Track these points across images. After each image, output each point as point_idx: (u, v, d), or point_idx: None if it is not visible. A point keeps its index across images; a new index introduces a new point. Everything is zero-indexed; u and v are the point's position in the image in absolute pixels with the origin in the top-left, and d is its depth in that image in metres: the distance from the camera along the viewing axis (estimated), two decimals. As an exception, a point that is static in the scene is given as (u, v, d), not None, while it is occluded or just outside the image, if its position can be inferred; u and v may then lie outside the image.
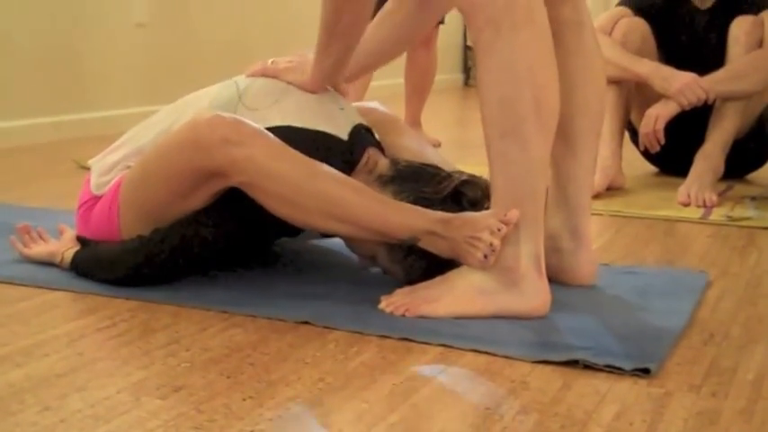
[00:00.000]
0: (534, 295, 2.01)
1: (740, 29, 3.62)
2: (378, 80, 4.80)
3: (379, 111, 2.51)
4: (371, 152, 2.29)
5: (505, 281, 2.01)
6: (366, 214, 2.08)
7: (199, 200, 2.14)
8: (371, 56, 2.46)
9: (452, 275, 2.06)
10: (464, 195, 2.14)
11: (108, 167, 2.31)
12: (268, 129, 2.15)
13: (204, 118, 2.12)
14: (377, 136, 2.37)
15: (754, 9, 3.65)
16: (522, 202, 1.99)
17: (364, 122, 2.35)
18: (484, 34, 1.97)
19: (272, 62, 2.38)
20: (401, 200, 2.13)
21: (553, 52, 2.02)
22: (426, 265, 2.11)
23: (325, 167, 2.11)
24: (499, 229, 1.98)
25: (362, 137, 2.30)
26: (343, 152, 2.24)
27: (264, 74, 2.36)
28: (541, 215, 2.03)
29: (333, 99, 2.36)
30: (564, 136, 2.20)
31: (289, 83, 2.33)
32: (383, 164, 2.27)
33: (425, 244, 2.07)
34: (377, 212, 2.07)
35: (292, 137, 2.15)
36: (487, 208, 2.08)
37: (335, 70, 2.34)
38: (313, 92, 2.32)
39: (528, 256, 2.00)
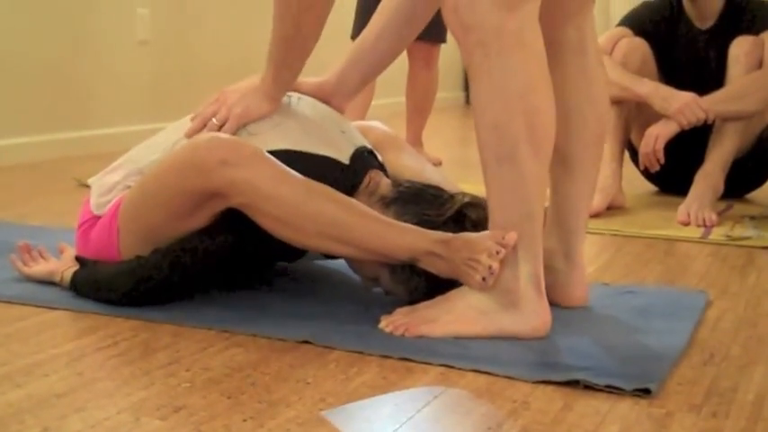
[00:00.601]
0: (534, 316, 2.01)
1: (740, 49, 3.62)
2: (379, 99, 4.82)
3: (379, 129, 2.51)
4: (373, 174, 2.28)
5: (505, 302, 2.01)
6: (366, 235, 2.07)
7: (198, 221, 2.14)
8: (371, 58, 2.44)
9: (452, 296, 2.06)
10: (467, 217, 2.14)
11: (108, 188, 2.31)
12: (268, 152, 2.15)
13: (203, 139, 2.13)
14: (379, 157, 2.37)
15: (754, 29, 3.66)
16: (519, 225, 1.99)
17: (367, 144, 2.35)
18: (474, 57, 1.98)
19: (221, 93, 2.36)
20: (404, 221, 2.13)
21: (548, 75, 2.01)
22: (430, 286, 2.11)
23: (325, 188, 2.10)
24: (498, 252, 1.98)
25: (364, 160, 2.30)
26: (344, 176, 2.23)
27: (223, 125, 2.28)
28: (540, 237, 2.03)
29: (334, 122, 2.36)
30: (562, 157, 2.20)
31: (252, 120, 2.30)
32: (385, 185, 2.27)
33: (425, 264, 2.07)
34: (376, 233, 2.07)
35: (292, 161, 2.15)
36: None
37: (293, 79, 2.34)
38: (274, 110, 2.31)
39: (527, 277, 2.00)
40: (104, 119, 4.92)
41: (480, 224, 2.10)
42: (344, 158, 2.26)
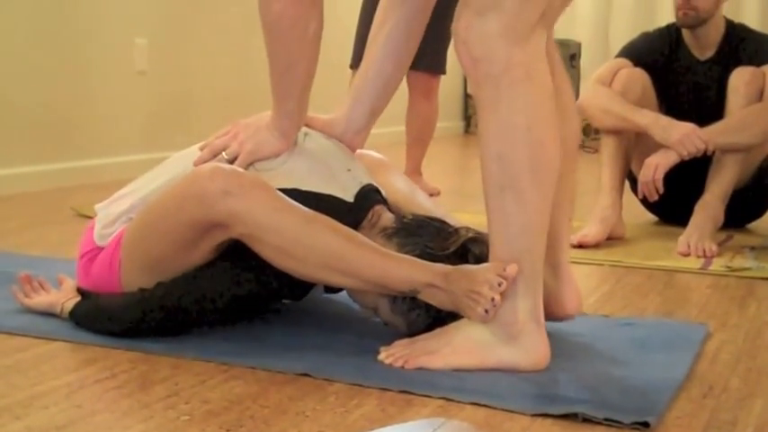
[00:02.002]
0: (533, 349, 2.01)
1: (740, 79, 3.63)
2: (378, 128, 4.81)
3: (370, 155, 2.52)
4: (377, 209, 2.29)
5: (504, 335, 2.01)
6: (366, 266, 2.08)
7: (200, 252, 2.14)
8: (375, 86, 2.43)
9: (451, 328, 2.06)
10: (470, 252, 2.14)
11: (112, 218, 2.30)
12: None
13: (205, 169, 2.13)
14: (383, 193, 2.37)
15: (755, 61, 3.67)
16: (519, 257, 1.99)
17: (373, 182, 2.35)
18: (483, 90, 1.99)
19: (234, 125, 2.35)
20: (406, 253, 2.13)
21: (554, 108, 2.02)
22: (430, 319, 2.11)
23: (326, 219, 2.11)
24: (499, 284, 1.98)
25: (369, 197, 2.30)
26: (348, 214, 2.23)
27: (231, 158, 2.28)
28: (540, 269, 2.03)
29: (340, 159, 2.36)
30: None
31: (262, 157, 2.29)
32: (387, 218, 2.27)
33: (425, 296, 2.07)
34: (377, 265, 2.07)
35: (298, 200, 2.15)
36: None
37: (300, 111, 2.31)
38: (286, 148, 2.30)
39: (526, 310, 2.00)
40: (102, 149, 4.92)
41: (483, 260, 2.09)
42: (349, 197, 2.26)
